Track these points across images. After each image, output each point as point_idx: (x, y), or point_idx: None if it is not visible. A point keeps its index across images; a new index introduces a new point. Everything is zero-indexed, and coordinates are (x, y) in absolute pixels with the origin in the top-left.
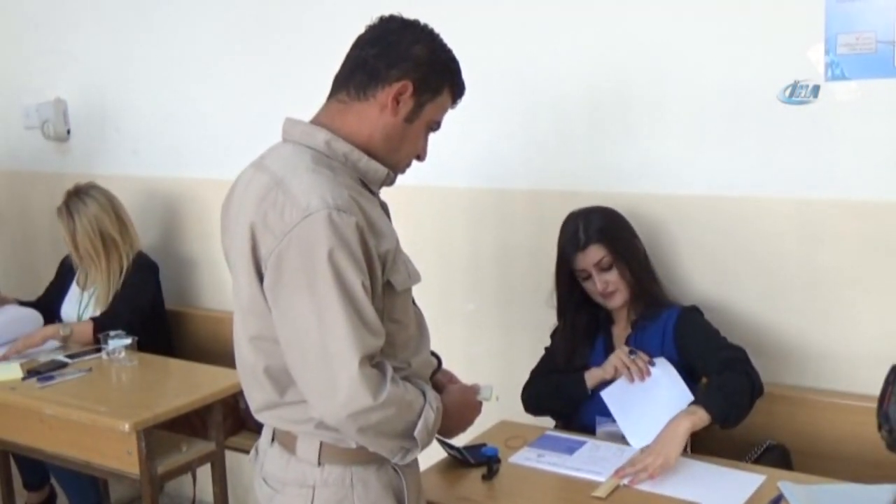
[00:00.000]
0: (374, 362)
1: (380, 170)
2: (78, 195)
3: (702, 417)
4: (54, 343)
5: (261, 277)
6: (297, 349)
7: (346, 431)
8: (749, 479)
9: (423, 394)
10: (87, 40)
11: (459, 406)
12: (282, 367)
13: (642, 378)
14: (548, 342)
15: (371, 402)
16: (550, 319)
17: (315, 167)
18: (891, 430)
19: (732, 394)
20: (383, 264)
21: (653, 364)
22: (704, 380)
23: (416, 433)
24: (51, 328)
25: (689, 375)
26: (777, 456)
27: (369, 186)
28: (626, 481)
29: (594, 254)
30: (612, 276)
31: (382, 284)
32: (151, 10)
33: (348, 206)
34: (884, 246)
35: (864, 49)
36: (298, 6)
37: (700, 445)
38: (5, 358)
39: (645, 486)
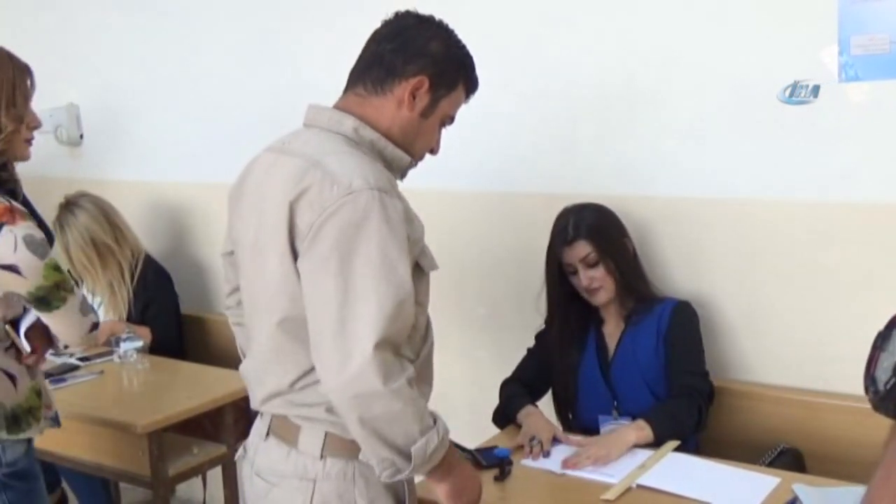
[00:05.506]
0: (395, 352)
1: (404, 157)
2: (68, 207)
3: (647, 435)
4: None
5: (295, 256)
6: (320, 317)
7: (347, 416)
8: (764, 482)
9: (436, 419)
10: (99, 45)
11: (469, 476)
12: (306, 348)
13: (536, 458)
14: None
15: (379, 386)
16: None
17: (350, 150)
18: (877, 392)
19: (680, 424)
20: (415, 248)
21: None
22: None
23: (413, 448)
24: (119, 323)
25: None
26: (790, 459)
27: (393, 174)
28: (567, 471)
29: (580, 249)
30: (598, 273)
31: (412, 268)
32: (164, 16)
33: (391, 188)
34: (892, 247)
35: (877, 50)
36: (307, 14)
37: (713, 450)
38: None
39: (659, 487)
